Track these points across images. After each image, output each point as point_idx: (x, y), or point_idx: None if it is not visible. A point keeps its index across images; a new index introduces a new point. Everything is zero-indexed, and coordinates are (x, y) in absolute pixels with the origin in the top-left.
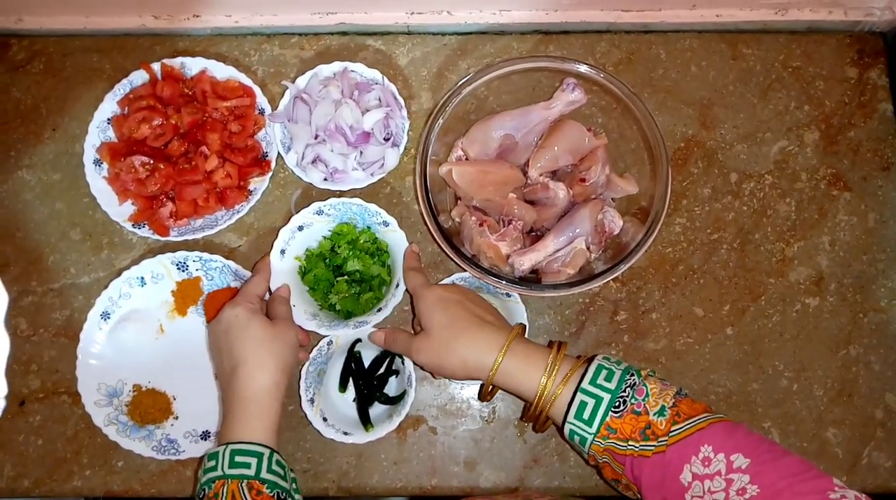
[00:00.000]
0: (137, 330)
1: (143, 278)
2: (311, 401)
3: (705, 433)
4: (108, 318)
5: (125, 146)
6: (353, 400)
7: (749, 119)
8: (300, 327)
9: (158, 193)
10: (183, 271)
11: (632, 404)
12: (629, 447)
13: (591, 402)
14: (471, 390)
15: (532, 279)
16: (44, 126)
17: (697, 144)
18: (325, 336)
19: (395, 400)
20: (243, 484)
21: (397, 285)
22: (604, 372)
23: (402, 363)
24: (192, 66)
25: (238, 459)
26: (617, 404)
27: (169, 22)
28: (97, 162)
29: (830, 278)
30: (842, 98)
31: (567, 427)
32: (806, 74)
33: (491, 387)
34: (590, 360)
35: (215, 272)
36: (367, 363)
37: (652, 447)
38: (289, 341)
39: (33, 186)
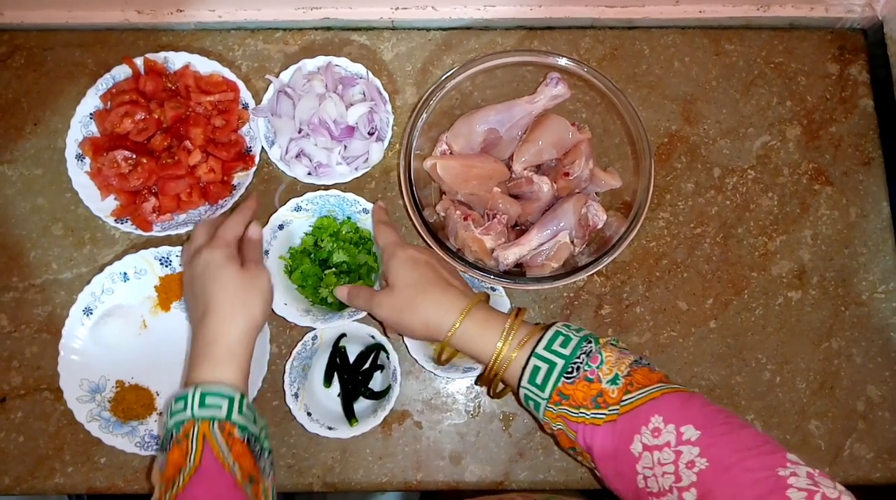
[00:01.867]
0: (120, 326)
1: (125, 273)
2: (296, 396)
3: (657, 403)
4: (91, 313)
5: (108, 141)
6: (338, 395)
7: (732, 114)
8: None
9: (141, 188)
10: (166, 266)
11: (585, 370)
12: (581, 415)
13: (544, 367)
14: (456, 384)
15: (516, 273)
16: (25, 121)
17: (681, 139)
18: (312, 330)
19: (380, 395)
20: (214, 425)
21: None
22: (560, 338)
23: (388, 358)
24: (176, 60)
25: (208, 400)
26: (570, 370)
27: (152, 17)
28: (79, 157)
29: (812, 271)
30: (823, 94)
31: (521, 392)
32: (788, 70)
33: (448, 353)
34: (549, 326)
35: None
36: (351, 358)
37: (603, 416)
38: (260, 287)
39: (14, 182)
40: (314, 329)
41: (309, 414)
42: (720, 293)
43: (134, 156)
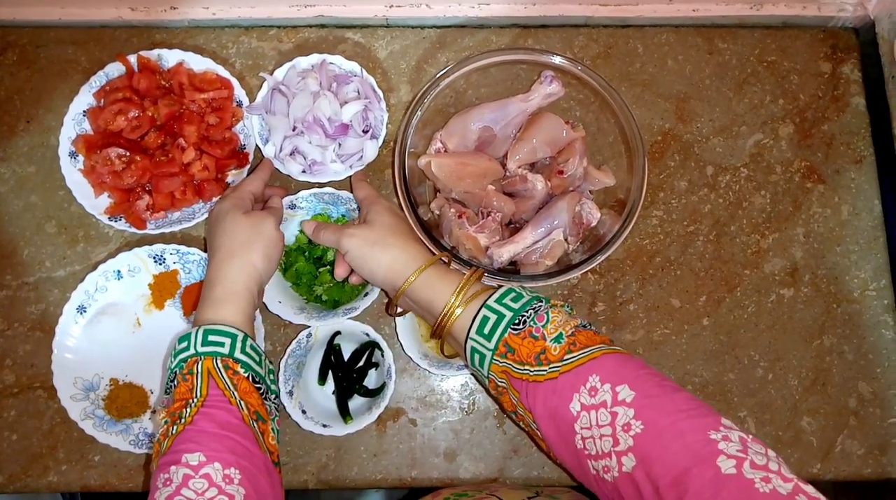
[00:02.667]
0: (114, 324)
1: (119, 271)
2: (290, 393)
3: (596, 363)
4: (84, 312)
5: (101, 138)
6: (333, 393)
7: (725, 113)
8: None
9: (135, 186)
10: (160, 264)
11: (530, 326)
12: (525, 371)
13: (493, 318)
14: (451, 381)
15: (511, 271)
16: (18, 118)
17: (674, 137)
18: (306, 328)
19: (375, 392)
20: (218, 361)
21: None
22: (512, 294)
23: (382, 356)
24: (169, 58)
25: (211, 338)
26: (517, 322)
27: (146, 14)
28: (73, 154)
29: (804, 269)
30: (815, 92)
31: (468, 345)
32: (780, 69)
33: (402, 305)
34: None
35: (192, 265)
36: (346, 356)
37: (544, 372)
38: (262, 232)
39: (7, 179)
40: (308, 327)
41: (304, 412)
42: (713, 291)
43: (128, 153)
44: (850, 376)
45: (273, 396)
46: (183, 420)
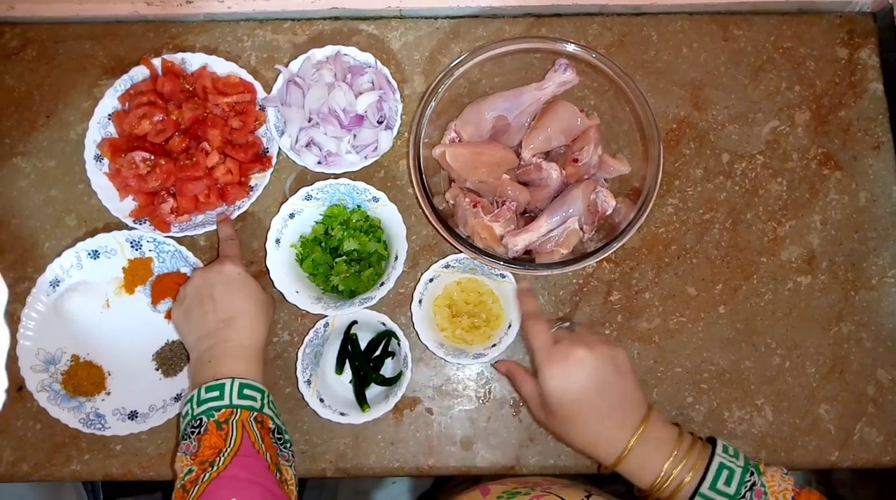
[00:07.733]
0: (83, 302)
1: (97, 251)
2: (308, 382)
3: None
4: (57, 286)
5: (126, 142)
6: (350, 381)
7: (740, 100)
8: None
9: (159, 189)
10: (136, 249)
11: None
12: None
13: None
14: (467, 370)
15: (526, 260)
16: (37, 113)
17: (689, 125)
18: (324, 317)
19: (392, 381)
20: (253, 416)
21: (396, 258)
22: (724, 473)
23: (399, 345)
24: (193, 61)
25: (246, 392)
26: None
27: (161, 8)
28: (98, 158)
29: (822, 256)
30: (832, 78)
31: None
32: (797, 55)
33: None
34: (710, 444)
35: (167, 256)
36: (363, 345)
37: None
38: (271, 303)
39: (28, 173)
40: (325, 317)
41: (321, 400)
42: (729, 279)
43: (152, 157)
44: (869, 363)
45: (290, 445)
46: (216, 467)
